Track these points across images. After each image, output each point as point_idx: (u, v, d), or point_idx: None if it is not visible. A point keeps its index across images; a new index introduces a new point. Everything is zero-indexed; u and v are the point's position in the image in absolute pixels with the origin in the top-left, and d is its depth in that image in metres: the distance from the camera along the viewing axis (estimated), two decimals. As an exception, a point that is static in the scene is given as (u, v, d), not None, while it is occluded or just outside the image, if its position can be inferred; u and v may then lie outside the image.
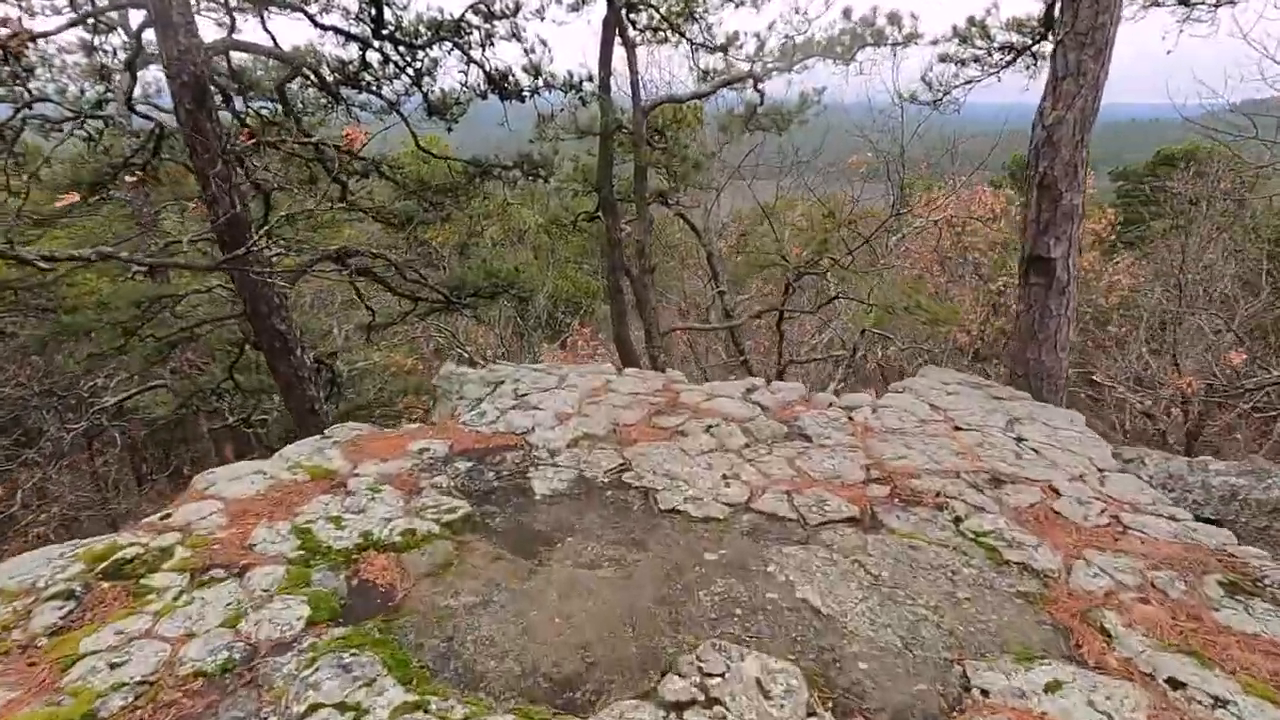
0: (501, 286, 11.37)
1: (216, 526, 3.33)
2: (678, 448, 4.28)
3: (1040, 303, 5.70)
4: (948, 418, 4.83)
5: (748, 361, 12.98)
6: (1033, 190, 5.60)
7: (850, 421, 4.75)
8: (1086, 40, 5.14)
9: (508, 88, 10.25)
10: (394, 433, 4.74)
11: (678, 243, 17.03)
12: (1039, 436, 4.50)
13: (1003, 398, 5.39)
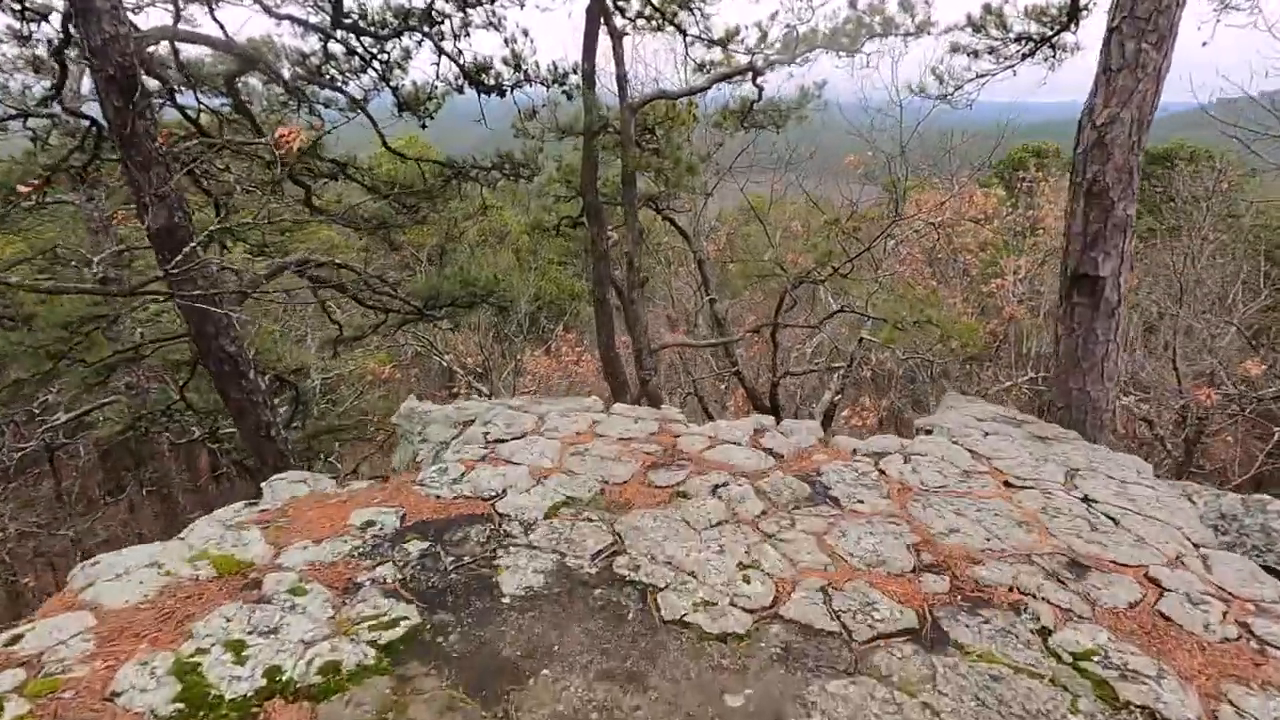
0: (479, 296, 10.51)
1: (77, 657, 2.48)
2: (680, 517, 3.48)
3: (1085, 326, 4.94)
4: (994, 468, 4.06)
5: (740, 373, 12.20)
6: (1079, 199, 4.83)
7: (881, 476, 3.96)
8: (1147, 26, 4.38)
9: (485, 82, 9.38)
10: (337, 495, 3.89)
11: (665, 244, 16.21)
12: (1108, 495, 3.74)
13: (1049, 438, 4.63)
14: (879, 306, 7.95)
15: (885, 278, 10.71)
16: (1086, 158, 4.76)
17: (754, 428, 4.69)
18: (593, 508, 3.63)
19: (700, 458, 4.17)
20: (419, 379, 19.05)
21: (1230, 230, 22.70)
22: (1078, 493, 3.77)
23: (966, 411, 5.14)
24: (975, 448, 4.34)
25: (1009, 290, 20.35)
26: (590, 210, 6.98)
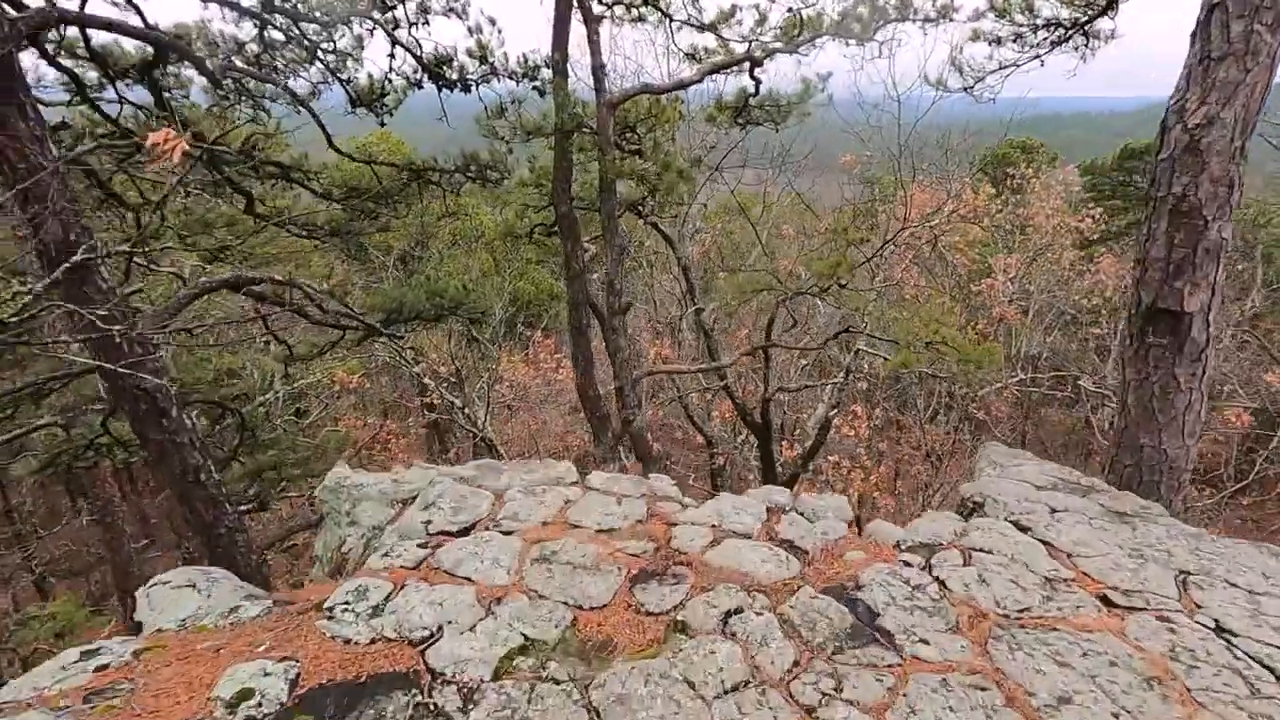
0: (447, 308, 9.43)
1: None
2: (680, 674, 2.47)
3: (1164, 371, 3.99)
4: (1082, 573, 3.10)
5: (729, 387, 11.22)
6: (1160, 217, 3.87)
7: (941, 589, 2.98)
8: (1263, 3, 3.41)
9: (446, 76, 8.26)
10: (212, 636, 2.83)
11: (647, 246, 15.15)
12: (1244, 620, 2.79)
13: (1129, 514, 3.68)
14: (892, 326, 6.98)
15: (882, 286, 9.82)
16: (1173, 167, 3.79)
17: (766, 506, 3.70)
18: (560, 655, 2.61)
19: (702, 562, 3.16)
20: (390, 387, 17.86)
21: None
22: (1204, 616, 2.81)
23: (1019, 475, 4.18)
24: (1049, 537, 3.37)
25: (999, 290, 19.59)
26: (563, 221, 5.94)
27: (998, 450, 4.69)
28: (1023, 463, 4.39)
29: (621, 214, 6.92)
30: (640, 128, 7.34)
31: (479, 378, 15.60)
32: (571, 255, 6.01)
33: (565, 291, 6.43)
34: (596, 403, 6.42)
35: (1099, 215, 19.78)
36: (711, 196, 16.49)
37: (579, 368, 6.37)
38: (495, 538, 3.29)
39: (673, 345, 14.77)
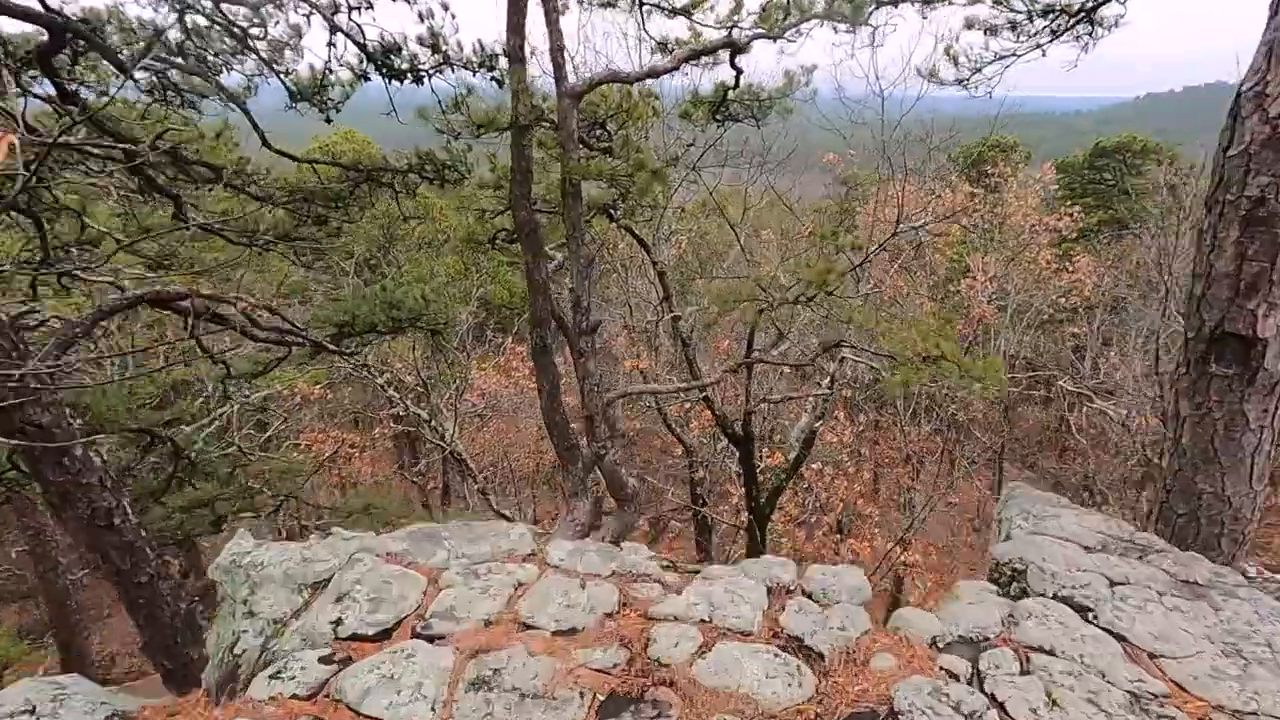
0: (406, 320, 8.57)
1: None
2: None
3: (1230, 406, 3.32)
4: (1175, 684, 2.40)
5: (709, 399, 10.49)
6: (1228, 224, 3.19)
7: (1001, 714, 2.25)
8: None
9: (394, 66, 7.41)
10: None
11: (621, 250, 14.36)
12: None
13: (1200, 583, 3.01)
14: (883, 336, 6.29)
15: (870, 290, 9.18)
16: (1248, 165, 3.11)
17: (766, 587, 2.95)
18: None
19: (690, 680, 2.40)
20: (356, 397, 16.88)
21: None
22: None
23: (1059, 530, 3.49)
24: (1121, 628, 2.68)
25: (978, 290, 19.14)
26: (523, 228, 5.13)
27: (1028, 496, 3.99)
28: (1060, 512, 3.70)
29: (591, 219, 6.14)
30: (611, 124, 6.56)
31: (447, 387, 14.70)
32: (533, 267, 5.20)
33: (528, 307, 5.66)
34: (564, 431, 5.63)
35: (1076, 214, 19.41)
36: (689, 197, 15.76)
37: (543, 392, 5.57)
38: (421, 650, 2.50)
39: (649, 353, 14.03)
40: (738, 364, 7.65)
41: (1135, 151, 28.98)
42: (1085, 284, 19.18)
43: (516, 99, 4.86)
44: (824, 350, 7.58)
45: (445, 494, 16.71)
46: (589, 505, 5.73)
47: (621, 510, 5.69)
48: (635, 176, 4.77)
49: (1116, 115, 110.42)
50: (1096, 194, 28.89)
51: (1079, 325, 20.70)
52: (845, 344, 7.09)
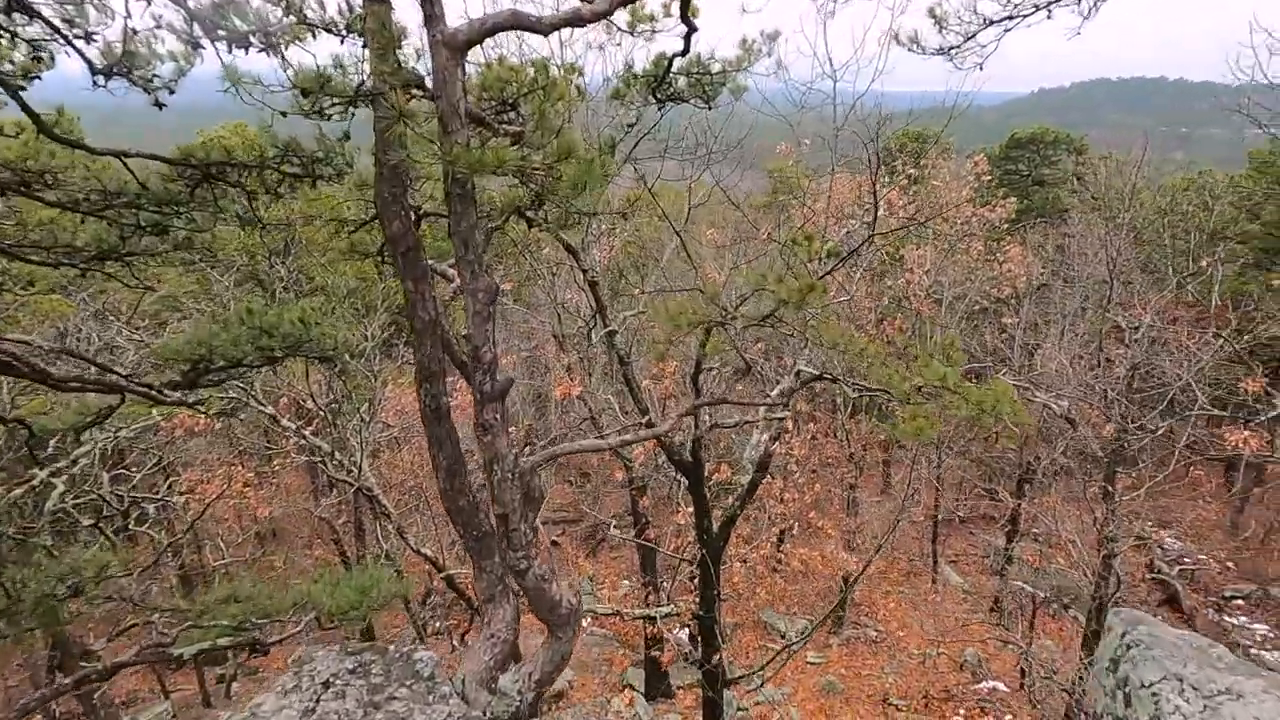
0: (281, 349, 6.66)
1: None
2: None
3: None
4: None
5: (653, 423, 8.99)
6: None
7: None
8: None
9: (233, 29, 5.49)
10: None
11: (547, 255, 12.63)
12: None
13: None
14: (871, 370, 4.91)
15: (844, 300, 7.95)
16: None
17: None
18: None
19: None
20: (248, 428, 14.50)
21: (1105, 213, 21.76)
22: None
23: (1254, 709, 2.12)
24: None
25: (916, 283, 18.40)
26: (397, 244, 3.41)
27: (1155, 638, 2.63)
28: (1233, 678, 2.34)
29: (497, 228, 4.48)
30: (524, 105, 4.88)
31: (354, 411, 12.65)
32: (415, 299, 3.51)
33: (413, 355, 3.93)
34: (472, 518, 4.00)
35: (1009, 204, 18.92)
36: (618, 192, 14.16)
37: (441, 468, 3.92)
38: None
39: (581, 366, 12.42)
40: (694, 406, 6.18)
41: (1047, 143, 29.27)
42: (1017, 273, 18.77)
43: (382, 53, 3.17)
44: (802, 385, 6.23)
45: (359, 533, 14.64)
46: (511, 614, 4.13)
47: (554, 639, 4.11)
48: (559, 169, 3.20)
49: (1016, 109, 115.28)
50: (1012, 184, 29.02)
51: (1010, 314, 20.40)
52: (829, 376, 5.77)
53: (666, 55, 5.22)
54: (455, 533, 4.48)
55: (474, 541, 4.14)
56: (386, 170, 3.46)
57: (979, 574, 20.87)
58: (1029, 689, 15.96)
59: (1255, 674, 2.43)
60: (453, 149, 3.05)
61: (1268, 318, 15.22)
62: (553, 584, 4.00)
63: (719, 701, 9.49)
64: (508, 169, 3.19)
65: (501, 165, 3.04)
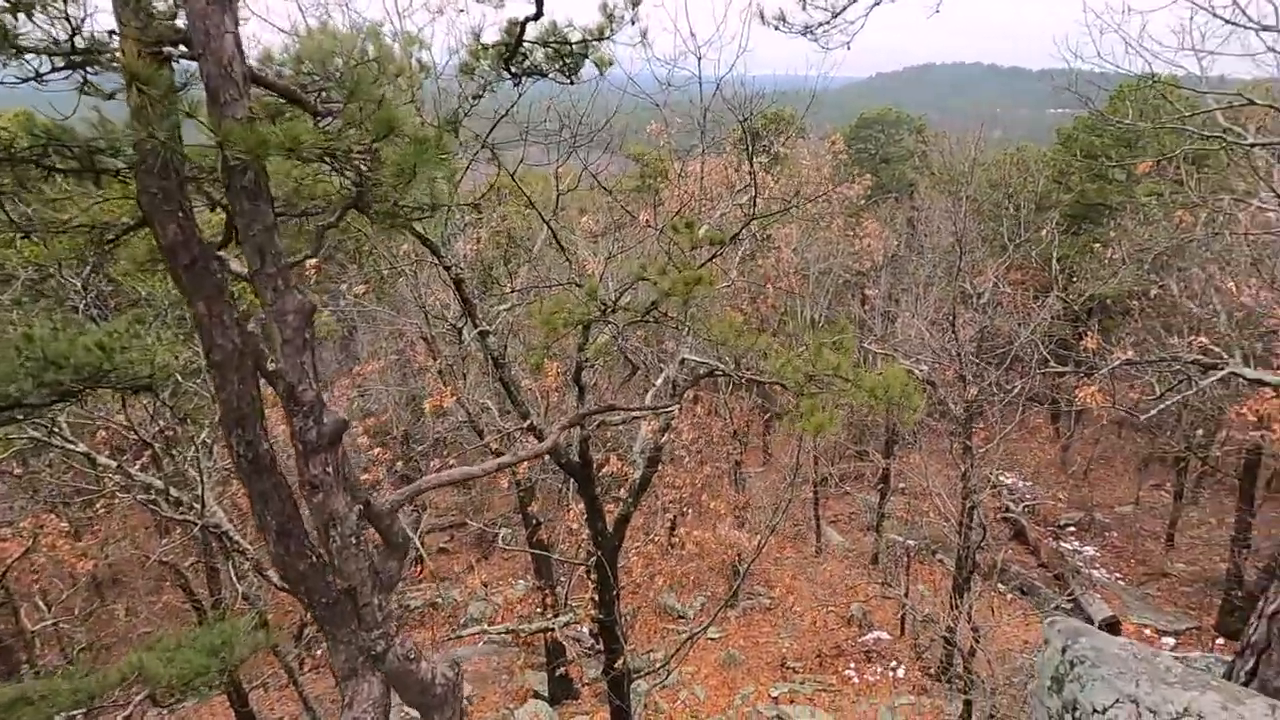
0: (74, 382, 5.35)
1: None
2: None
3: None
4: None
5: (535, 427, 8.34)
6: None
7: None
8: None
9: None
10: None
11: (408, 250, 11.47)
12: None
13: None
14: (774, 365, 4.56)
15: (725, 288, 7.66)
16: None
17: None
18: None
19: None
20: (54, 472, 12.24)
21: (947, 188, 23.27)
22: None
23: None
24: None
25: (785, 261, 18.77)
26: (174, 255, 2.53)
27: (1099, 652, 2.38)
28: (1188, 695, 2.11)
29: (331, 225, 3.62)
30: (346, 78, 4.01)
31: (190, 440, 10.94)
32: (210, 324, 2.66)
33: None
34: (318, 582, 3.23)
35: (864, 181, 19.68)
36: (479, 178, 13.10)
37: (270, 531, 3.11)
38: None
39: (456, 370, 11.42)
40: (579, 417, 5.60)
41: (890, 122, 30.99)
42: (874, 247, 19.64)
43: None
44: (693, 382, 5.82)
45: (212, 577, 12.88)
46: (378, 690, 3.40)
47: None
48: (382, 150, 2.48)
49: (856, 92, 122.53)
50: (863, 163, 30.54)
51: (871, 286, 21.42)
52: (719, 369, 5.39)
53: (518, 20, 4.53)
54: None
55: (324, 610, 3.35)
56: (152, 160, 2.58)
57: (858, 532, 21.93)
58: (910, 633, 16.94)
59: (1206, 686, 2.22)
60: (224, 124, 2.25)
61: (1087, 278, 16.81)
62: (420, 662, 3.30)
63: (626, 707, 9.08)
64: (307, 152, 2.43)
65: (297, 147, 2.28)
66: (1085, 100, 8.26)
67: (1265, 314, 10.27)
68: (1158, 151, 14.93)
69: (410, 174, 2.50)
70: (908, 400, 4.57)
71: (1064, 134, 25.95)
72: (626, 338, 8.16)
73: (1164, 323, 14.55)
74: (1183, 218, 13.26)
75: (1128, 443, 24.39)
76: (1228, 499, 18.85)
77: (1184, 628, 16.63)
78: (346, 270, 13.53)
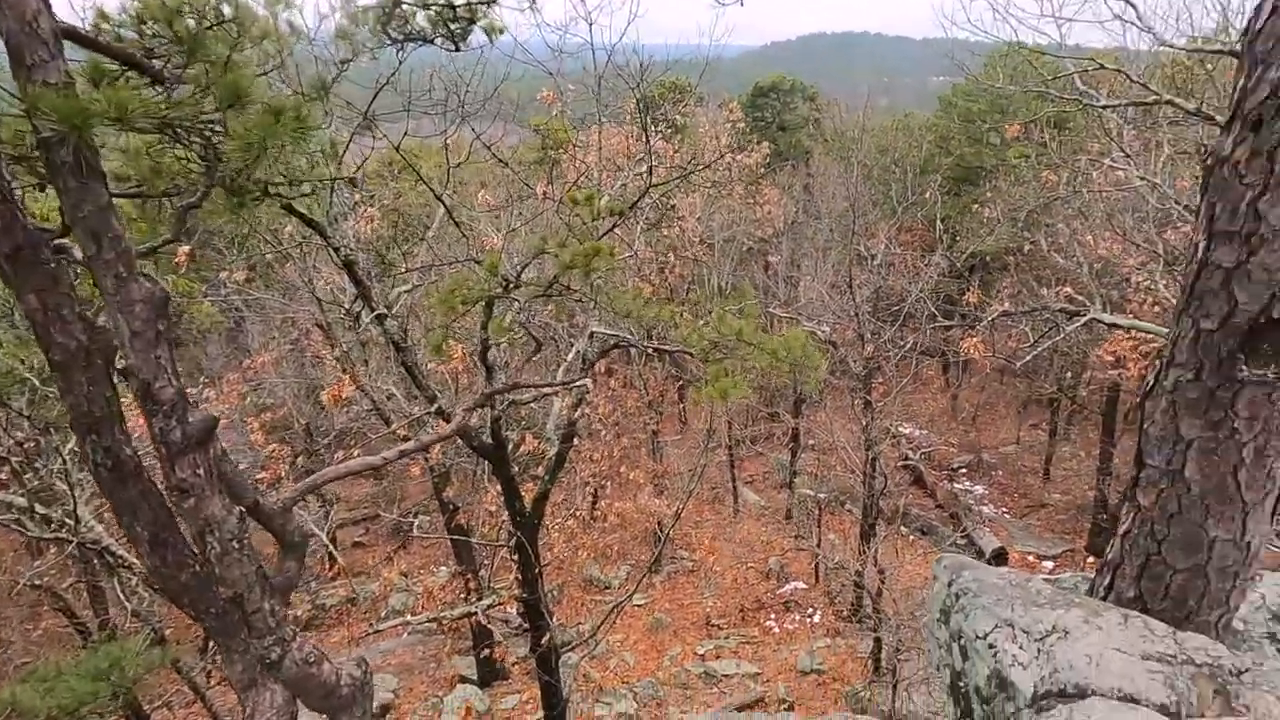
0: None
1: None
2: None
3: (1265, 425, 2.10)
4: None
5: (443, 410, 8.10)
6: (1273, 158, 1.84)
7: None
8: None
9: None
10: None
11: (292, 232, 10.73)
12: None
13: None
14: (680, 334, 4.58)
15: (625, 260, 7.60)
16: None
17: None
18: None
19: None
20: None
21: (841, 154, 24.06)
22: None
23: (1082, 645, 2.06)
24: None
25: (690, 231, 18.94)
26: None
27: (981, 582, 2.55)
28: (1055, 614, 2.29)
29: (194, 206, 3.25)
30: (190, 39, 3.60)
31: (54, 450, 9.93)
32: (46, 320, 2.32)
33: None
34: (203, 593, 2.98)
35: (763, 148, 20.04)
36: (366, 151, 12.24)
37: (141, 541, 2.82)
38: None
39: (356, 356, 10.85)
40: (486, 396, 5.46)
41: (785, 90, 31.62)
42: (775, 213, 20.14)
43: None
44: (601, 354, 5.77)
45: (96, 597, 11.85)
46: (280, 698, 3.22)
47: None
48: (228, 121, 2.22)
49: (750, 61, 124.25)
50: (760, 130, 31.09)
51: (773, 252, 22.02)
52: (626, 341, 5.35)
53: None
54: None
55: (213, 620, 3.12)
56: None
57: (772, 490, 22.81)
58: (823, 581, 17.89)
59: (1071, 604, 2.43)
60: (32, 93, 1.95)
61: (969, 236, 17.92)
62: (322, 664, 3.14)
63: (555, 681, 9.12)
64: (140, 122, 2.16)
65: (125, 116, 2.02)
66: (961, 66, 8.69)
67: (1119, 264, 11.29)
68: (1026, 116, 16.00)
69: (262, 147, 2.28)
70: (809, 360, 4.70)
71: (944, 100, 27.35)
72: (533, 313, 7.99)
73: (1035, 276, 15.77)
74: (1048, 178, 14.33)
75: (1009, 388, 26.44)
76: (1094, 433, 20.86)
77: (1060, 551, 18.39)
78: (226, 256, 12.52)
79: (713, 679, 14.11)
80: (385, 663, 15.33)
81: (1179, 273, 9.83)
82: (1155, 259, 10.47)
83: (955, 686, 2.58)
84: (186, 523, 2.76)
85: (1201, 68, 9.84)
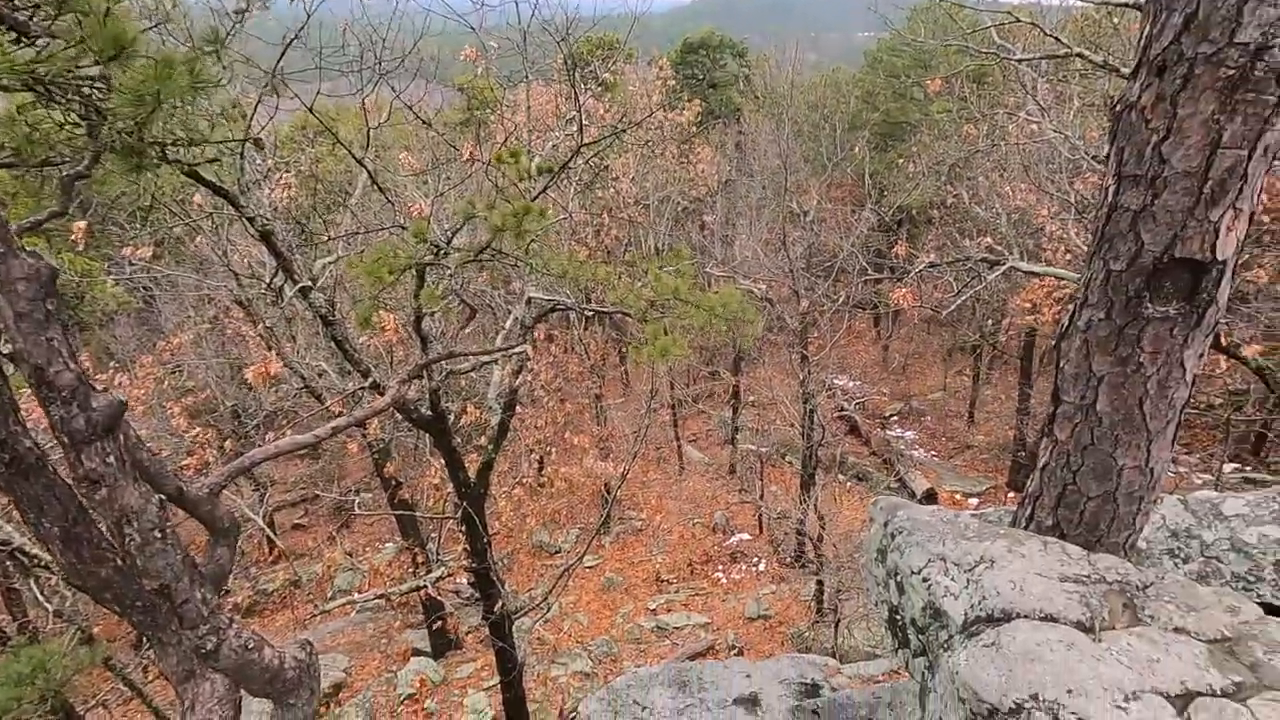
0: None
1: None
2: None
3: (1168, 357, 2.28)
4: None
5: (379, 384, 7.85)
6: (1200, 96, 1.95)
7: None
8: None
9: None
10: None
11: (203, 202, 10.03)
12: None
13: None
14: (617, 295, 4.53)
15: (557, 220, 7.42)
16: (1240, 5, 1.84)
17: None
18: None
19: None
20: None
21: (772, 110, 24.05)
22: None
23: (1007, 573, 2.19)
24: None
25: (625, 193, 18.72)
26: None
27: (914, 521, 2.67)
28: (983, 545, 2.42)
29: (83, 176, 2.95)
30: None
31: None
32: None
33: None
34: (127, 587, 2.80)
35: (694, 105, 19.85)
36: (285, 117, 11.47)
37: (52, 539, 2.62)
38: None
39: (281, 332, 10.35)
40: (420, 367, 5.29)
41: (714, 46, 31.30)
42: (709, 172, 20.10)
43: None
44: (538, 318, 5.64)
45: (13, 600, 11.15)
46: (222, 687, 3.11)
47: (285, 710, 3.18)
48: (115, 76, 2.01)
49: (680, 17, 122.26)
50: (691, 88, 30.76)
51: (708, 211, 22.03)
52: (563, 304, 5.26)
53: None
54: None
55: (140, 615, 2.96)
56: None
57: (715, 447, 23.28)
58: (767, 531, 18.52)
59: (996, 536, 2.57)
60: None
61: (896, 190, 18.36)
62: (263, 649, 3.04)
63: (509, 647, 9.18)
64: (2, 79, 1.93)
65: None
66: (886, 21, 8.75)
67: (1034, 214, 11.80)
68: (948, 70, 16.36)
69: (151, 105, 2.07)
70: (745, 316, 4.74)
71: (870, 56, 27.64)
72: (466, 281, 7.77)
73: (958, 228, 16.35)
74: (969, 131, 14.75)
75: (935, 337, 27.59)
76: (1013, 377, 22.06)
77: (984, 488, 19.54)
78: (128, 231, 11.64)
79: (665, 632, 14.51)
80: (335, 642, 15.11)
81: (1089, 220, 10.36)
82: (1067, 208, 11.00)
83: (893, 620, 2.71)
84: (101, 515, 2.59)
85: (1109, 21, 10.24)
